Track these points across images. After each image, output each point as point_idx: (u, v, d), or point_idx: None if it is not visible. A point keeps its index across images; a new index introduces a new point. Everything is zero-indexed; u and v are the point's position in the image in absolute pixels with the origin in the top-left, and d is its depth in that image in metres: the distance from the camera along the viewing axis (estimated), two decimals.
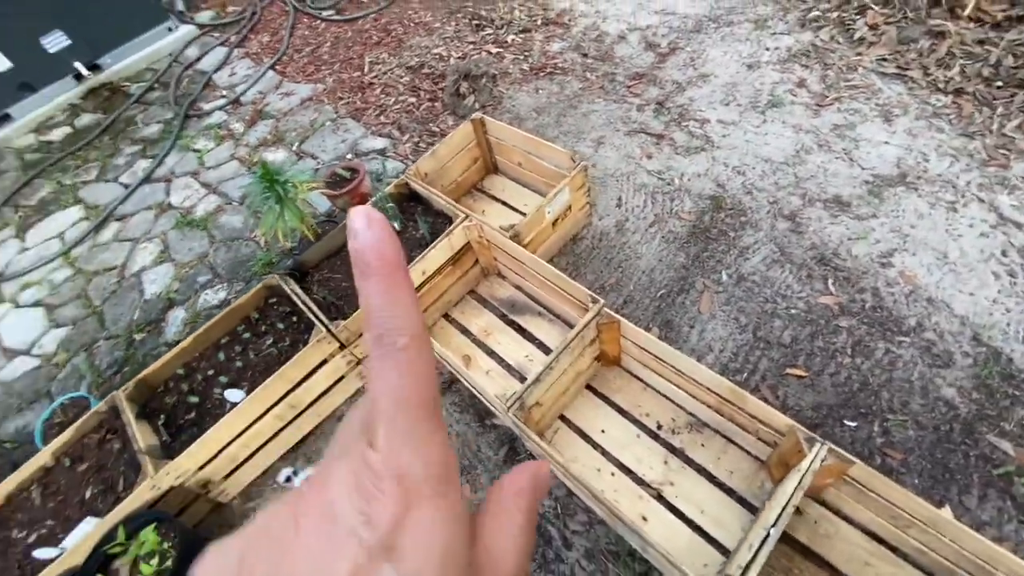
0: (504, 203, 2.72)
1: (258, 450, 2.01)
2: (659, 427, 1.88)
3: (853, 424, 1.75)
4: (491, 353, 2.24)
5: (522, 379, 2.07)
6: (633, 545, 1.65)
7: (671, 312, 2.18)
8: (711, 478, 1.74)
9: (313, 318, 2.04)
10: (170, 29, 4.57)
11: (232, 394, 1.88)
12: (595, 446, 1.90)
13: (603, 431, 1.92)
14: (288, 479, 1.64)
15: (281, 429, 2.04)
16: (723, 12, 3.49)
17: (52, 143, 4.02)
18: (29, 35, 3.95)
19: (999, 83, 2.53)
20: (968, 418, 1.70)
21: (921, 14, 2.80)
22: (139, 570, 1.60)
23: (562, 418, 1.99)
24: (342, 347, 2.07)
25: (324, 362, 2.04)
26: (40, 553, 1.66)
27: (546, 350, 2.17)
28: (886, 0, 2.96)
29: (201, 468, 1.86)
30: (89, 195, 3.53)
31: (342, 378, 2.15)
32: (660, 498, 1.74)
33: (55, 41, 4.07)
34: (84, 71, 4.23)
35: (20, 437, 2.37)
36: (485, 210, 2.71)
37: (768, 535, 1.29)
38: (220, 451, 1.88)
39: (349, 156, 3.26)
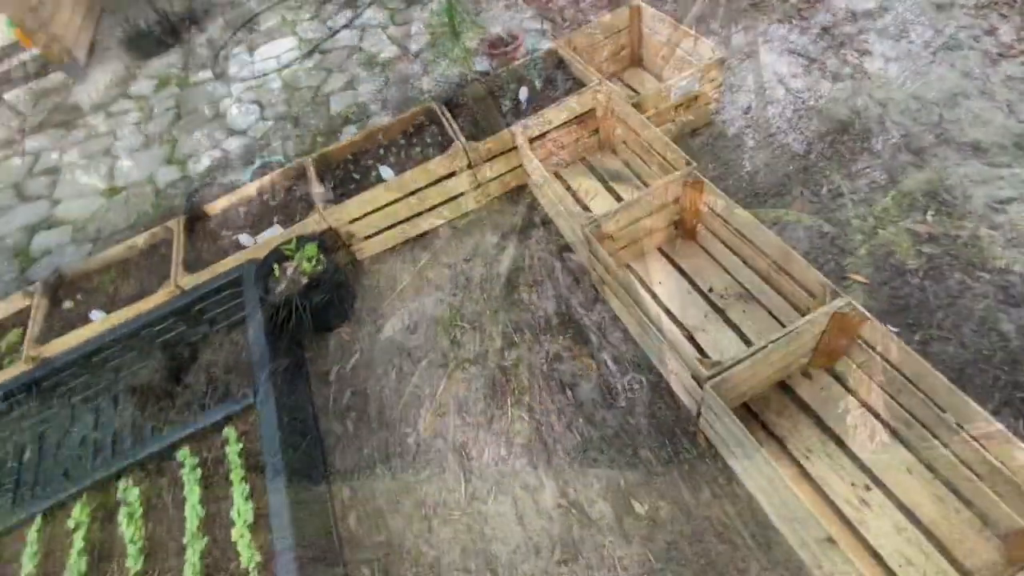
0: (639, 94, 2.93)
1: (389, 228, 2.59)
2: (710, 290, 2.13)
3: (895, 330, 1.86)
4: (586, 208, 2.57)
5: None
6: (651, 356, 1.98)
7: (759, 209, 2.33)
8: (741, 335, 1.98)
9: (453, 136, 2.51)
10: None
11: (384, 170, 2.43)
12: (647, 290, 2.20)
13: (660, 283, 2.21)
14: None
15: (409, 218, 2.59)
16: None
17: None
18: None
19: None
20: (1016, 351, 1.74)
21: None
22: (301, 266, 2.26)
23: (627, 267, 2.30)
24: (469, 166, 2.53)
25: (452, 175, 2.52)
26: (242, 239, 2.39)
27: None
28: None
29: (351, 223, 2.47)
30: (303, 31, 4.30)
31: (462, 194, 2.63)
32: (691, 339, 2.03)
33: None
34: None
35: (232, 185, 3.20)
36: None
37: (767, 346, 1.55)
38: (366, 215, 2.48)
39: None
